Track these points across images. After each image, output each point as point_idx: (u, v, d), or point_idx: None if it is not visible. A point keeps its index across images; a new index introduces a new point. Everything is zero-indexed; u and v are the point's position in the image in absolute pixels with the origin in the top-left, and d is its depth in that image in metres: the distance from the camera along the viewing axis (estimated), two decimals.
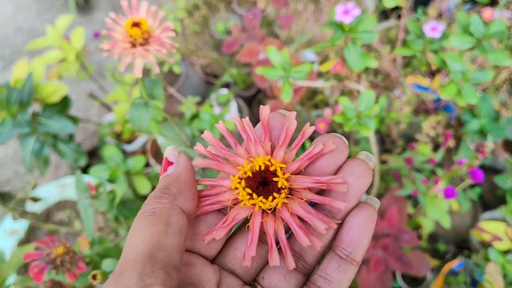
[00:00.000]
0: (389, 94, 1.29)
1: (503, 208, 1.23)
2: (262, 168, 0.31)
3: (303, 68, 0.74)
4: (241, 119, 0.33)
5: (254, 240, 0.30)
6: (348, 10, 0.65)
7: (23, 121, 1.04)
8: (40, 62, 1.14)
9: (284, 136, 0.32)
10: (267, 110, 0.32)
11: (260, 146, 0.32)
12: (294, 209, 0.31)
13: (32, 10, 2.29)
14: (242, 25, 1.77)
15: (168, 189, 0.30)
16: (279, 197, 0.30)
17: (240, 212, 0.31)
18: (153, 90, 0.62)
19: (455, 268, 1.18)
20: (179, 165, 0.31)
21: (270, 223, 0.31)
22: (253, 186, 0.31)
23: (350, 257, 0.31)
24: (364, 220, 0.31)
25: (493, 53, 0.72)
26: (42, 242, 0.56)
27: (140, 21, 0.56)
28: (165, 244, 0.26)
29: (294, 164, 0.32)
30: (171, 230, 0.27)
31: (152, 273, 0.25)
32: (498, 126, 1.07)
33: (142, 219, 0.28)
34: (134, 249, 0.26)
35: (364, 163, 0.31)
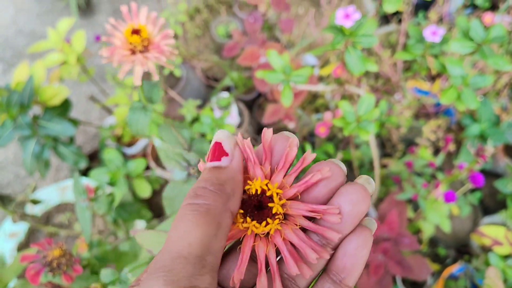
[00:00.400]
0: (389, 98, 1.29)
1: (503, 213, 1.23)
2: (258, 192, 0.31)
3: (304, 72, 0.74)
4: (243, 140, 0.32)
5: (243, 262, 0.30)
6: (348, 14, 0.65)
7: (24, 124, 1.04)
8: (41, 64, 1.14)
9: (284, 162, 0.31)
10: (270, 133, 0.32)
11: (259, 168, 0.32)
12: (287, 235, 0.30)
13: (33, 13, 2.30)
14: (243, 29, 1.78)
15: (223, 187, 0.28)
16: (272, 223, 0.30)
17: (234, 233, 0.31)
18: (152, 93, 0.62)
19: (455, 272, 1.17)
20: (235, 160, 0.30)
21: (262, 246, 0.31)
22: (248, 209, 0.31)
23: (344, 283, 0.30)
24: (359, 246, 0.30)
25: (493, 58, 0.72)
26: (39, 245, 0.56)
27: (140, 28, 0.56)
28: (214, 248, 0.26)
29: (291, 190, 0.31)
30: (220, 233, 0.27)
31: (200, 276, 0.25)
32: (498, 131, 1.07)
33: (194, 213, 0.26)
34: (186, 246, 0.25)
35: (362, 188, 0.30)
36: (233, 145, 0.30)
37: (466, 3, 1.67)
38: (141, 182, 1.15)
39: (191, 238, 0.25)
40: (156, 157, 1.47)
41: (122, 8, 0.57)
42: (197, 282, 0.24)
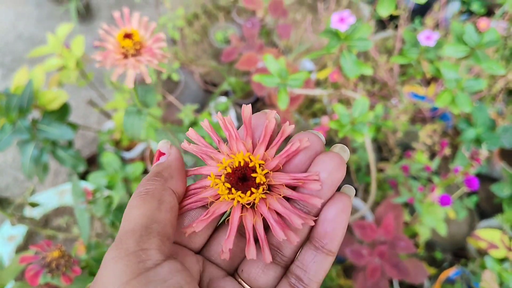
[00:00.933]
0: (386, 103, 1.30)
1: (499, 217, 1.24)
2: (241, 164, 0.32)
3: (300, 76, 0.75)
4: (223, 118, 0.34)
5: (232, 233, 0.31)
6: (343, 18, 0.66)
7: (23, 128, 1.05)
8: (40, 69, 1.15)
9: (264, 134, 0.33)
10: (249, 109, 0.34)
11: (242, 143, 0.33)
12: (272, 205, 0.32)
13: (33, 18, 2.31)
14: (241, 34, 1.79)
15: (160, 174, 0.32)
16: (257, 192, 0.31)
17: (220, 206, 0.32)
18: (146, 97, 0.63)
19: (452, 276, 1.18)
20: (171, 155, 0.34)
21: (249, 217, 0.32)
22: (233, 182, 0.32)
23: (326, 248, 0.32)
24: (338, 211, 0.31)
25: (486, 62, 0.73)
26: (38, 246, 0.56)
27: (132, 33, 0.58)
28: (158, 218, 0.29)
29: (273, 161, 0.33)
30: (163, 207, 0.30)
31: (148, 240, 0.28)
32: (494, 135, 1.08)
33: (136, 197, 0.31)
34: (131, 221, 0.29)
35: (337, 156, 0.31)
36: (169, 146, 0.35)
37: (462, 9, 1.69)
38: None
39: (135, 214, 0.29)
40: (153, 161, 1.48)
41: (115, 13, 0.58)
42: (145, 245, 0.27)
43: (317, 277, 0.32)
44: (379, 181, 1.32)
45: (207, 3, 1.97)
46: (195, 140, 0.35)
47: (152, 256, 0.27)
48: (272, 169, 0.33)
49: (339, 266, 1.28)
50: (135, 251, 0.27)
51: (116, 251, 0.27)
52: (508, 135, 1.14)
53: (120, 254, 0.27)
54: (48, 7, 2.36)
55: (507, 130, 1.14)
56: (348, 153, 0.33)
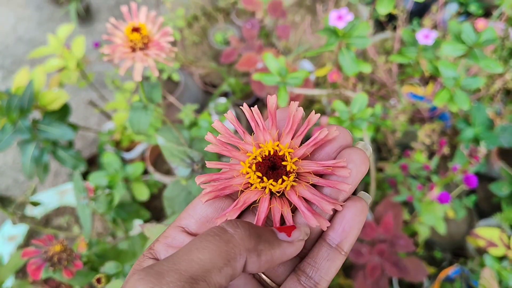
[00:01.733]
0: (385, 103, 1.31)
1: (498, 216, 1.24)
2: (271, 153, 0.32)
3: (299, 74, 0.76)
4: (250, 108, 0.34)
5: (260, 221, 0.32)
6: (341, 16, 0.67)
7: (24, 128, 1.06)
8: (41, 70, 1.15)
9: (291, 123, 0.33)
10: (274, 99, 0.34)
11: (268, 133, 0.34)
12: (301, 192, 0.32)
13: (33, 21, 2.32)
14: (241, 36, 1.80)
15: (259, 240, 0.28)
16: (288, 180, 0.32)
17: (250, 196, 0.33)
18: (152, 93, 0.64)
19: (451, 275, 1.18)
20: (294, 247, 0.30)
21: (277, 208, 0.32)
22: (263, 170, 0.32)
23: (340, 247, 0.32)
24: (356, 212, 0.32)
25: (484, 60, 0.74)
26: (41, 241, 0.57)
27: (140, 26, 0.58)
28: (213, 279, 0.25)
29: (300, 149, 0.33)
30: (225, 271, 0.26)
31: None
32: (492, 134, 1.09)
33: (215, 236, 0.27)
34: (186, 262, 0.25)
35: (361, 151, 0.32)
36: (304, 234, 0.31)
37: (460, 10, 1.70)
38: (140, 186, 1.16)
39: (194, 256, 0.25)
40: (154, 162, 1.48)
41: (123, 8, 0.59)
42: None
43: (328, 275, 0.32)
44: (378, 181, 1.33)
45: (207, 4, 1.98)
46: (221, 131, 0.34)
47: None
48: (299, 157, 0.33)
49: None
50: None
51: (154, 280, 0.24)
52: (507, 134, 1.15)
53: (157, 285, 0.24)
54: (48, 10, 2.37)
55: (505, 129, 1.15)
56: (370, 151, 0.33)
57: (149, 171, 1.43)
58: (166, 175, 1.36)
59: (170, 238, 0.33)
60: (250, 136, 0.34)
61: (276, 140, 0.34)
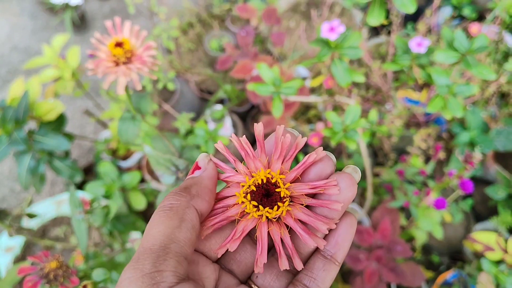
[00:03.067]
0: (380, 108, 1.31)
1: (495, 219, 1.25)
2: (264, 181, 0.34)
3: (293, 84, 0.76)
4: (238, 138, 0.36)
5: (264, 248, 0.33)
6: (333, 28, 0.67)
7: (19, 139, 1.05)
8: (36, 80, 1.15)
9: (280, 150, 0.34)
10: (261, 127, 0.35)
11: (258, 160, 0.35)
12: (296, 215, 0.34)
13: (28, 30, 2.32)
14: (236, 43, 1.80)
15: (188, 189, 0.33)
16: (283, 206, 0.33)
17: (248, 224, 0.34)
18: (140, 104, 0.65)
19: (449, 279, 1.18)
20: (205, 171, 0.34)
21: (276, 231, 0.34)
22: (258, 199, 0.34)
23: (334, 258, 0.34)
24: (348, 226, 0.34)
25: (477, 68, 0.74)
26: (36, 257, 0.57)
27: (123, 41, 0.60)
28: (178, 237, 0.30)
29: (291, 173, 0.34)
30: (184, 225, 0.30)
31: (164, 261, 0.28)
32: (487, 138, 1.09)
33: (160, 213, 0.31)
34: (150, 239, 0.29)
35: (349, 177, 0.34)
36: (207, 161, 0.35)
37: (454, 14, 1.71)
38: (136, 195, 1.16)
39: (154, 231, 0.30)
40: (150, 170, 1.48)
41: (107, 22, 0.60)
42: (161, 266, 0.28)
43: (325, 284, 0.34)
44: (375, 186, 1.33)
45: (202, 12, 1.98)
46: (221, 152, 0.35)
47: (166, 278, 0.27)
48: (290, 181, 0.34)
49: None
50: (151, 273, 0.27)
51: (132, 271, 0.27)
52: (502, 138, 1.15)
53: (136, 274, 0.27)
54: (43, 18, 2.37)
55: (500, 133, 1.16)
56: (360, 174, 0.35)
57: (146, 179, 1.43)
58: (163, 183, 1.36)
59: None
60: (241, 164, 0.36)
61: (267, 166, 0.35)
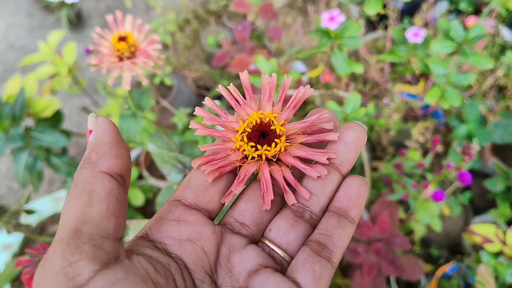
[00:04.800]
0: (378, 102, 1.31)
1: (493, 212, 1.25)
2: (258, 122, 0.34)
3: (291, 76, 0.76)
4: (225, 87, 0.35)
5: (268, 186, 0.32)
6: (333, 17, 0.67)
7: (16, 135, 1.05)
8: (32, 77, 1.15)
9: (269, 92, 0.35)
10: (246, 74, 0.35)
11: (248, 107, 0.35)
12: (294, 152, 0.33)
13: (24, 28, 2.31)
14: (233, 38, 1.80)
15: (88, 158, 0.28)
16: (280, 142, 0.33)
17: (249, 168, 0.34)
18: (141, 100, 0.64)
19: (448, 272, 1.18)
20: (97, 130, 0.30)
21: (277, 170, 0.33)
22: (255, 140, 0.33)
23: (349, 215, 0.33)
24: (359, 184, 0.33)
25: (473, 57, 0.74)
26: (35, 249, 0.57)
27: (126, 35, 0.58)
28: (90, 215, 0.25)
29: (283, 113, 0.34)
30: (95, 198, 0.26)
31: (76, 249, 0.24)
32: (485, 131, 1.09)
33: (67, 196, 0.27)
34: (60, 229, 0.25)
35: (358, 124, 0.34)
36: (94, 119, 0.30)
37: (450, 8, 1.71)
38: (134, 191, 1.16)
39: (64, 219, 0.25)
40: (149, 166, 1.48)
41: (108, 17, 0.59)
42: (73, 257, 0.23)
43: (341, 242, 0.32)
44: (373, 180, 1.33)
45: (198, 8, 1.98)
46: (203, 116, 0.35)
47: (82, 269, 0.23)
48: (284, 119, 0.34)
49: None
50: (62, 268, 0.23)
51: (42, 270, 0.24)
52: (499, 130, 1.15)
53: (46, 274, 0.23)
54: (39, 16, 2.36)
55: (498, 125, 1.16)
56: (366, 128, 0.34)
57: (144, 176, 1.42)
58: (161, 180, 1.36)
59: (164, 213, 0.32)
60: (232, 116, 0.35)
61: (258, 110, 0.34)
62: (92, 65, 0.58)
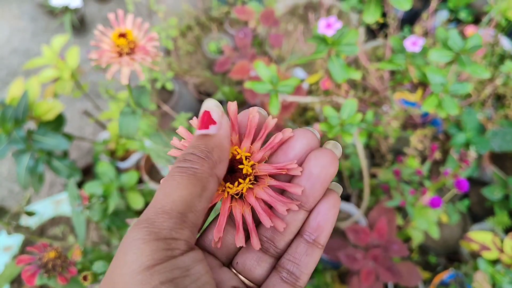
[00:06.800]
0: (377, 109, 1.32)
1: (491, 220, 1.26)
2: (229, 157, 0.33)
3: (291, 82, 0.77)
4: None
5: (221, 222, 0.32)
6: (330, 24, 0.68)
7: (18, 138, 1.06)
8: (35, 80, 1.16)
9: (248, 128, 0.34)
10: (235, 106, 0.34)
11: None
12: (258, 194, 0.33)
13: (27, 32, 2.33)
14: (234, 45, 1.81)
15: (211, 153, 0.30)
16: (244, 183, 0.33)
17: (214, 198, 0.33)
18: (140, 98, 0.65)
19: (446, 279, 1.19)
20: (222, 129, 0.31)
21: (238, 207, 0.33)
22: None
23: (317, 241, 0.33)
24: (329, 206, 0.33)
25: (471, 66, 0.75)
26: (35, 248, 0.57)
27: (126, 32, 0.60)
28: (197, 207, 0.28)
29: (259, 153, 0.34)
30: (205, 195, 0.29)
31: (181, 230, 0.27)
32: (484, 139, 1.10)
33: (182, 175, 0.28)
34: (169, 202, 0.27)
35: (329, 152, 0.32)
36: (221, 113, 0.31)
37: (450, 17, 1.73)
38: (134, 195, 1.17)
39: (175, 196, 0.28)
40: (149, 171, 1.49)
41: (110, 15, 0.61)
42: (177, 235, 0.27)
43: (308, 269, 0.33)
44: (372, 187, 1.34)
45: (200, 14, 2.00)
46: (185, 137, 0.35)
47: (180, 246, 0.27)
48: (258, 161, 0.34)
49: (334, 272, 1.29)
50: (166, 238, 0.26)
51: (145, 232, 0.26)
52: (498, 138, 1.16)
53: (150, 236, 0.26)
54: (43, 21, 2.38)
55: (496, 134, 1.17)
56: (341, 150, 0.33)
57: (144, 180, 1.43)
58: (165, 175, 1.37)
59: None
60: None
61: (238, 144, 0.34)
62: (93, 60, 0.60)
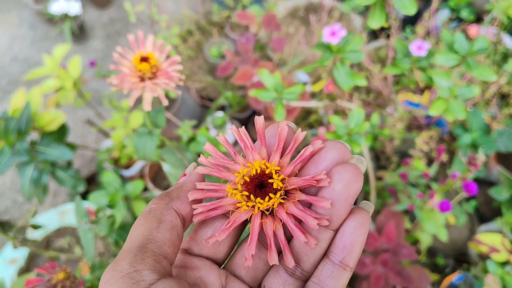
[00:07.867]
0: (381, 111, 1.31)
1: (499, 220, 1.25)
2: (258, 172, 0.33)
3: (295, 89, 0.76)
4: (238, 129, 0.35)
5: (253, 239, 0.32)
6: (335, 32, 0.67)
7: (22, 150, 1.05)
8: (37, 91, 1.16)
9: (278, 142, 0.34)
10: (262, 120, 0.34)
11: (257, 153, 0.34)
12: (289, 209, 0.32)
13: (27, 40, 2.33)
14: (236, 49, 1.81)
15: (169, 193, 0.34)
16: (275, 197, 0.32)
17: (241, 215, 0.33)
18: (157, 118, 0.64)
19: (455, 281, 1.18)
20: (189, 176, 0.35)
21: (269, 224, 0.33)
22: (251, 189, 0.33)
23: (343, 263, 0.32)
24: (356, 225, 0.31)
25: (477, 69, 0.74)
26: (43, 268, 0.57)
27: (148, 56, 0.58)
28: (156, 237, 0.30)
29: (288, 167, 0.33)
30: (163, 226, 0.31)
31: (142, 260, 0.28)
32: (489, 139, 1.09)
33: (140, 217, 0.32)
34: (129, 241, 0.30)
35: (353, 167, 0.31)
36: (192, 168, 0.36)
37: (452, 16, 1.72)
38: (140, 204, 1.16)
39: (133, 235, 0.31)
40: (153, 178, 1.48)
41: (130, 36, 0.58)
42: (139, 266, 0.28)
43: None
44: (378, 190, 1.33)
45: (201, 19, 1.99)
46: (212, 153, 0.35)
47: (146, 276, 0.27)
48: (288, 175, 0.33)
49: None
50: (129, 273, 0.27)
51: (111, 273, 0.28)
52: (504, 138, 1.15)
53: (114, 276, 0.27)
54: (42, 29, 2.38)
55: (502, 134, 1.16)
56: (365, 164, 0.32)
57: (148, 188, 1.43)
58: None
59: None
60: (240, 156, 0.35)
61: (266, 158, 0.34)
62: (113, 85, 0.58)
